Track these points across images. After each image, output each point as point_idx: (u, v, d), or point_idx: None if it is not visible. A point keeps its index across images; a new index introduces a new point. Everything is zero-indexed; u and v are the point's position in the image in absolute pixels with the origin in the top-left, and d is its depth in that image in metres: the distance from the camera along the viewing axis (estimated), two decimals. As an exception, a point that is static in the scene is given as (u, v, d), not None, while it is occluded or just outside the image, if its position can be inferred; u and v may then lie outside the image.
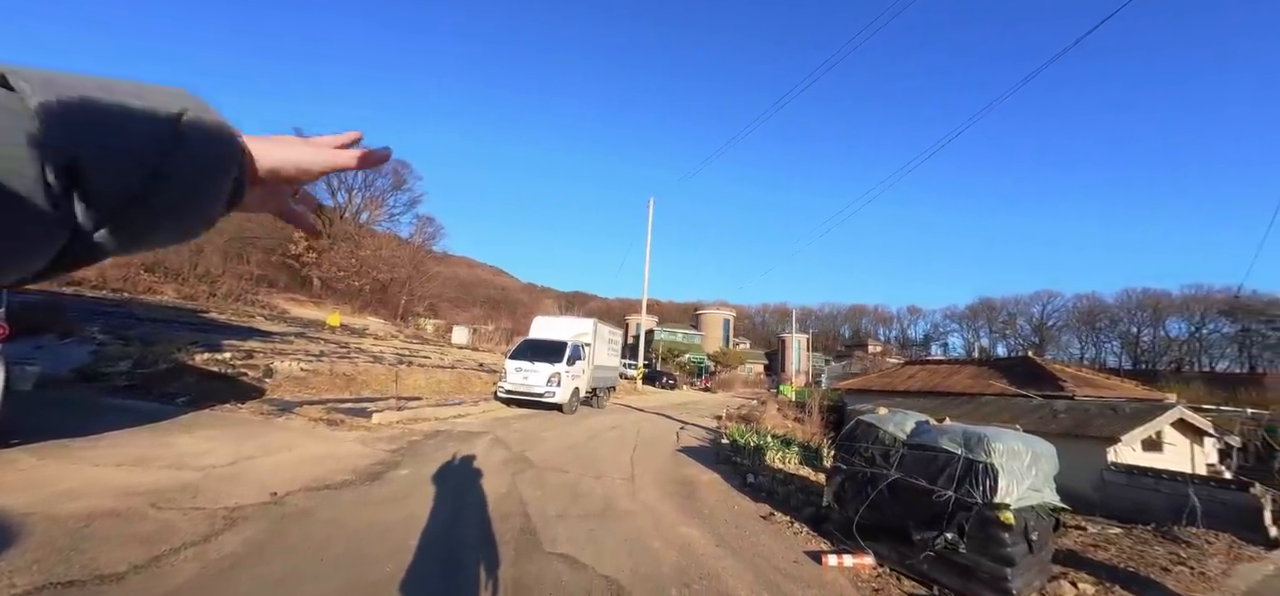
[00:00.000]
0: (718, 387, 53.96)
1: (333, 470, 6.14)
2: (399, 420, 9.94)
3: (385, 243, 53.29)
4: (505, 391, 13.74)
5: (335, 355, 16.06)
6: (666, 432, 12.89)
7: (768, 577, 4.27)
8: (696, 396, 36.93)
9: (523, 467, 7.24)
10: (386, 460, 6.86)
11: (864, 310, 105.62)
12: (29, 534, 3.60)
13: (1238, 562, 5.75)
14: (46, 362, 9.33)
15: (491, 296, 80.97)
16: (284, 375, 12.41)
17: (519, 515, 5.19)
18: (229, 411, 9.03)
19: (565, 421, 12.56)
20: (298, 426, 8.44)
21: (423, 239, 59.58)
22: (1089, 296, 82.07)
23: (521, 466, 7.31)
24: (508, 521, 4.95)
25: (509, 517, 5.07)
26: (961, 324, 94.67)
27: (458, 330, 51.45)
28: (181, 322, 18.23)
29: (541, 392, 13.39)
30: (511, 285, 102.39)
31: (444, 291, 69.18)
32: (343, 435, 8.20)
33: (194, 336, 15.24)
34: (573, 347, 14.52)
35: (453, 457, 7.37)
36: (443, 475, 6.35)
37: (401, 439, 8.39)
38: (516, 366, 13.85)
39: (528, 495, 5.89)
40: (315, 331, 26.41)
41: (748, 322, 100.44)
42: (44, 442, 5.76)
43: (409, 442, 8.13)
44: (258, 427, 8.09)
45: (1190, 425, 13.27)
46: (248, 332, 19.72)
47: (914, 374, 25.34)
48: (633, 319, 51.47)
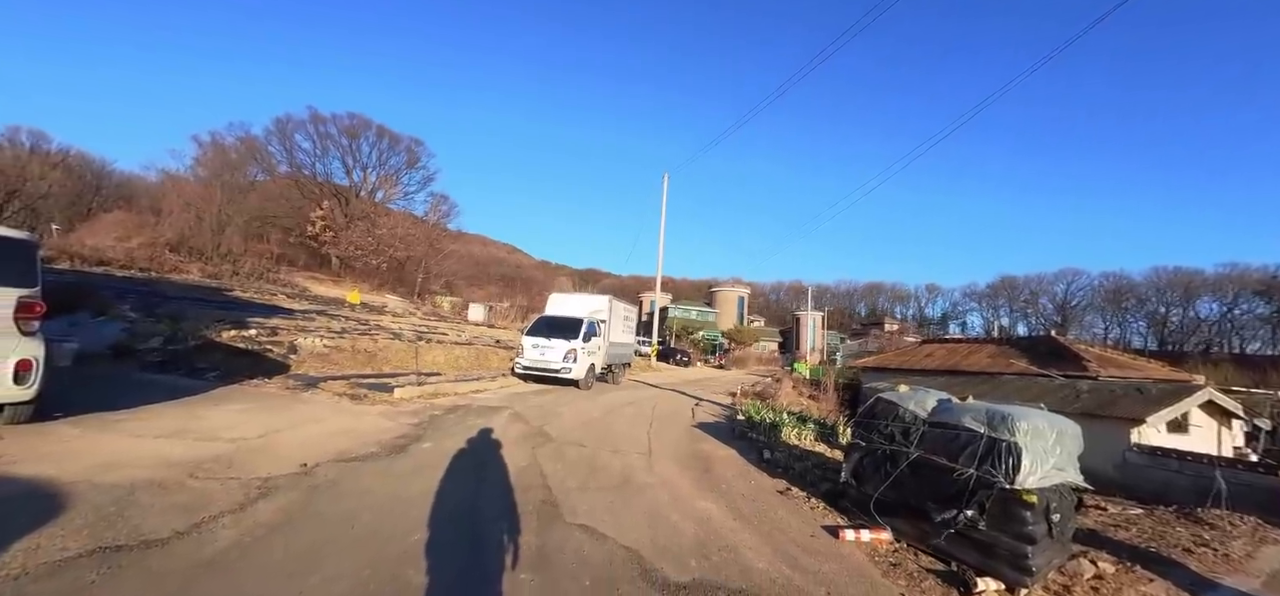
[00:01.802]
0: (732, 365, 54.00)
1: (359, 442, 6.31)
2: (420, 395, 10.15)
3: (401, 221, 53.72)
4: (522, 367, 13.92)
5: (356, 332, 16.38)
6: (682, 408, 12.98)
7: (785, 550, 4.32)
8: (711, 373, 37.05)
9: (541, 441, 7.37)
10: (409, 434, 7.03)
11: (881, 288, 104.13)
12: (77, 501, 3.78)
13: (1263, 545, 5.67)
14: (83, 339, 9.68)
15: (506, 274, 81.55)
16: (308, 351, 12.71)
17: (539, 487, 5.31)
18: (256, 386, 9.30)
19: (582, 397, 12.71)
20: (323, 401, 8.66)
21: (438, 217, 59.86)
22: (1116, 274, 79.59)
23: (540, 440, 7.44)
24: (529, 493, 5.06)
25: (530, 490, 5.18)
26: (981, 303, 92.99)
27: (474, 307, 52.05)
28: (208, 301, 18.69)
29: (558, 369, 13.54)
30: (526, 263, 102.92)
31: (460, 269, 69.82)
32: (366, 409, 8.40)
33: (220, 314, 15.65)
34: (588, 324, 14.62)
35: (473, 431, 7.52)
36: (464, 448, 6.49)
37: (423, 413, 8.58)
38: (533, 343, 14.00)
39: (548, 468, 6.00)
40: (336, 309, 26.92)
41: (763, 300, 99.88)
42: (85, 416, 6.00)
43: (430, 417, 8.31)
44: (285, 402, 8.33)
45: (1219, 407, 12.99)
46: (271, 310, 20.18)
47: (932, 352, 25.08)
48: (646, 296, 51.56)
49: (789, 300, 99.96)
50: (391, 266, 51.52)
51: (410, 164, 57.76)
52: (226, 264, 33.46)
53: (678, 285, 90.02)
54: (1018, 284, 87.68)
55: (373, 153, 56.46)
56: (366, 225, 49.44)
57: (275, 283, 34.37)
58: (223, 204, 35.67)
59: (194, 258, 32.73)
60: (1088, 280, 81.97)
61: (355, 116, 53.15)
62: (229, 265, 33.40)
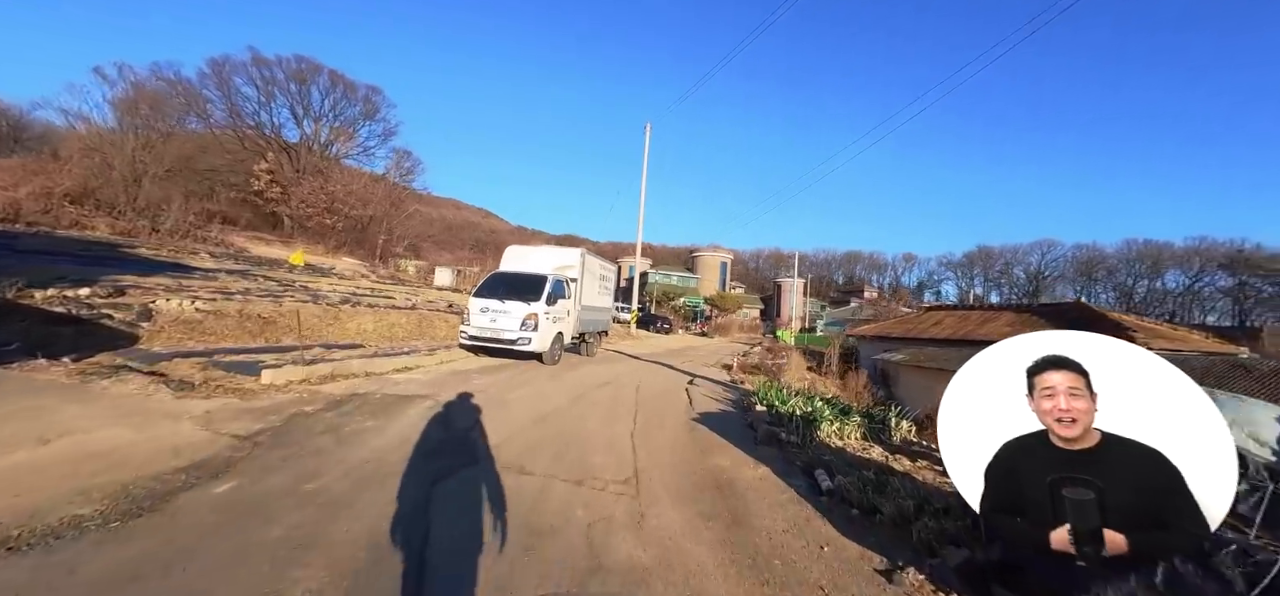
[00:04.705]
0: (714, 332, 51.73)
1: (81, 488, 3.28)
2: (303, 378, 7.08)
3: (356, 177, 49.24)
4: (468, 338, 10.87)
5: (260, 294, 13.04)
6: (672, 388, 10.19)
7: None
8: (694, 342, 34.49)
9: (456, 464, 4.43)
10: (211, 460, 4.00)
11: (858, 257, 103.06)
12: None
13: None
14: None
15: (480, 239, 77.38)
16: (171, 317, 9.42)
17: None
18: (32, 369, 6.09)
19: (544, 376, 9.79)
20: (120, 394, 5.53)
21: (400, 174, 55.43)
22: (1089, 246, 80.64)
23: (455, 461, 4.50)
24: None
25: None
26: (957, 271, 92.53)
27: (440, 271, 48.34)
28: (84, 257, 15.03)
29: (514, 338, 10.54)
30: (501, 227, 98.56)
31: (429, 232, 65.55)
32: (186, 407, 5.31)
33: (82, 272, 12.12)
34: (554, 283, 11.58)
35: (342, 448, 4.54)
36: (285, 496, 3.52)
37: (284, 411, 5.54)
38: (482, 306, 10.92)
39: (439, 540, 3.08)
40: (269, 270, 23.31)
41: (742, 268, 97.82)
42: None
43: (288, 419, 5.27)
44: (53, 396, 5.19)
45: None
46: (175, 268, 16.63)
47: (940, 320, 22.75)
48: (625, 261, 48.49)
49: (768, 267, 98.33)
50: (350, 227, 47.37)
51: (368, 115, 52.94)
52: (144, 220, 29.10)
53: (656, 251, 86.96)
54: (993, 254, 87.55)
55: (326, 102, 51.48)
56: (319, 181, 44.99)
57: (206, 242, 30.23)
58: (138, 150, 30.93)
59: (103, 211, 28.30)
60: (1062, 251, 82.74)
61: (304, 60, 47.94)
62: (147, 221, 29.05)
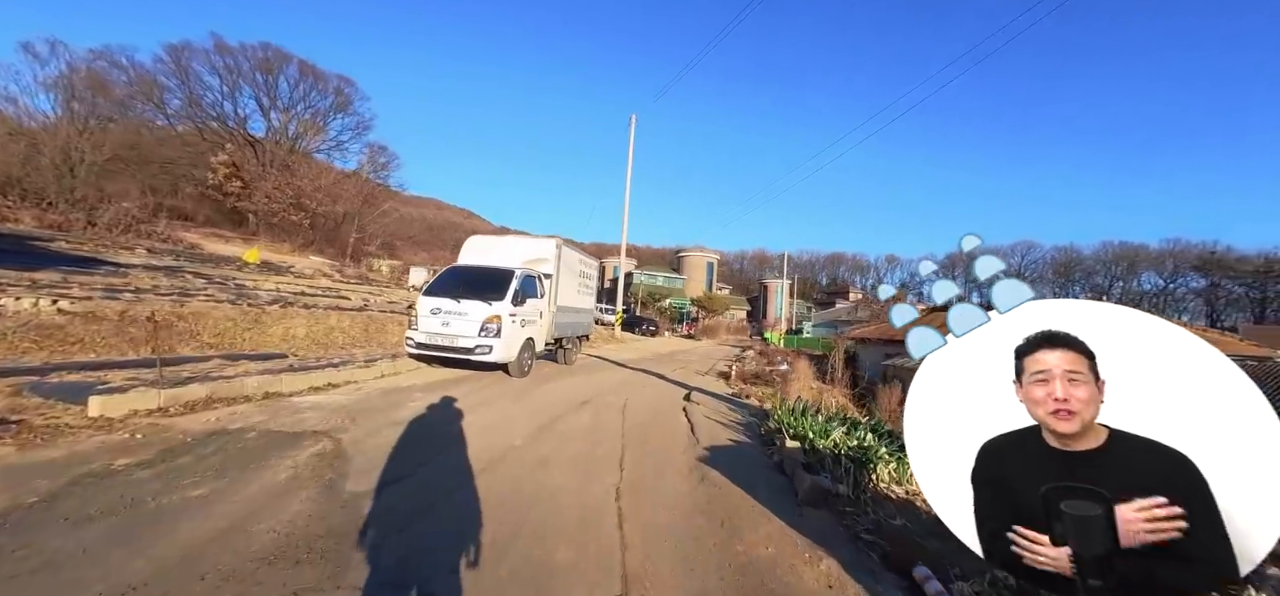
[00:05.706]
0: (702, 334, 50.03)
1: None
2: (155, 407, 5.03)
3: (325, 172, 46.58)
4: (415, 346, 8.84)
5: (168, 292, 10.85)
6: (667, 407, 8.30)
7: None
8: (682, 344, 32.68)
9: (301, 587, 2.48)
10: None
11: (842, 258, 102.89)
12: None
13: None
14: None
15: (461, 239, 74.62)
16: (19, 321, 7.26)
17: None
18: None
19: (509, 393, 7.84)
20: None
21: (374, 169, 52.83)
22: (1067, 248, 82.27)
23: (301, 578, 2.55)
24: None
25: None
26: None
27: (416, 270, 45.95)
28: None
29: (470, 346, 8.54)
30: (483, 228, 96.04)
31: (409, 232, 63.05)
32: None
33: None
34: (523, 279, 9.60)
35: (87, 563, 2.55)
36: None
37: (72, 467, 3.51)
38: (433, 307, 8.90)
39: None
40: (213, 268, 21.02)
41: (727, 269, 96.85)
42: None
43: (66, 483, 3.25)
44: None
45: None
46: (86, 263, 14.35)
47: (948, 320, 21.22)
48: (609, 262, 46.54)
49: (753, 269, 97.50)
50: (320, 224, 44.75)
51: (340, 107, 50.36)
52: (79, 213, 26.34)
53: (641, 253, 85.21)
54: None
55: (295, 93, 48.79)
56: (284, 176, 42.31)
57: (149, 238, 27.55)
58: (73, 137, 28.08)
59: (30, 203, 25.50)
60: (1041, 252, 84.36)
61: (270, 48, 45.26)
62: (82, 214, 26.29)
